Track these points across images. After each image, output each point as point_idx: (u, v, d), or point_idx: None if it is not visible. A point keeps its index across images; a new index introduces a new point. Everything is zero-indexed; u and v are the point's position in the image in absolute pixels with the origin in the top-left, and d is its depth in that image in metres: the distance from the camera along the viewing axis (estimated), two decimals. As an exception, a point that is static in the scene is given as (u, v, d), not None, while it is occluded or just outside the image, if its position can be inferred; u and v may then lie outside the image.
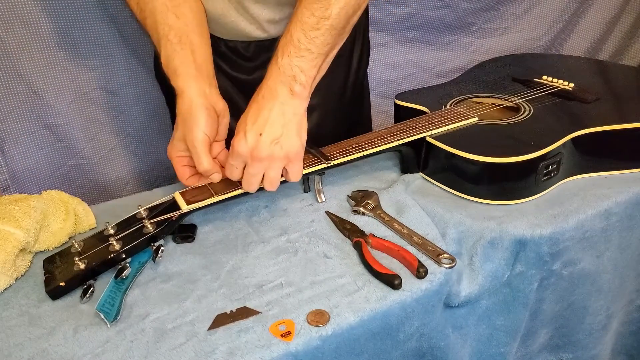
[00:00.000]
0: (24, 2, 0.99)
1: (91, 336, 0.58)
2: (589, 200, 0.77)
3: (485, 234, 0.72)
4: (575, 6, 1.43)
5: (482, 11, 1.37)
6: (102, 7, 1.06)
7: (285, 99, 0.70)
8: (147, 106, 1.20)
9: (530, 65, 1.11)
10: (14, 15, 0.99)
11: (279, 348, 0.56)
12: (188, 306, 0.62)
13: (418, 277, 0.64)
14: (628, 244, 0.81)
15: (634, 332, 0.93)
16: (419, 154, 0.83)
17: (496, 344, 0.77)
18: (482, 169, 0.75)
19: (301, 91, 0.70)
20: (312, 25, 0.70)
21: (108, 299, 0.62)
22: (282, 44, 0.71)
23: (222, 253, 0.71)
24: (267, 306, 0.61)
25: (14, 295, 0.65)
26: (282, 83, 0.70)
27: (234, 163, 0.71)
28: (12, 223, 0.67)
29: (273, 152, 0.69)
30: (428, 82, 1.42)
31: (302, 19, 0.70)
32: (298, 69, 0.70)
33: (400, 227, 0.73)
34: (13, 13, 0.99)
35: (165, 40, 0.75)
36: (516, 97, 0.94)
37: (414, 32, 1.35)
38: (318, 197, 0.80)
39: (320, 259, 0.69)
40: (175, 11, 0.76)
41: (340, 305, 0.61)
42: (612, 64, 1.12)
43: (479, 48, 1.41)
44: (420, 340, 0.66)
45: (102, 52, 1.10)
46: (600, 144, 0.82)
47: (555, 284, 0.76)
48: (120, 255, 0.65)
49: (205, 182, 0.75)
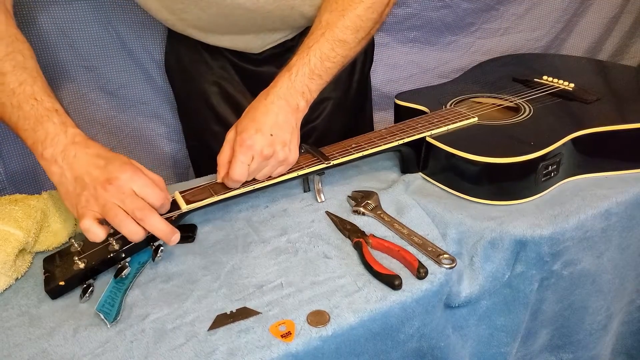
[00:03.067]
0: (23, 4, 0.98)
1: (91, 336, 0.58)
2: (589, 201, 0.77)
3: (486, 234, 0.72)
4: (575, 6, 1.43)
5: (482, 11, 1.37)
6: (100, 9, 1.06)
7: (293, 111, 0.75)
8: (145, 107, 1.20)
9: (530, 65, 1.11)
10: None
11: (279, 348, 0.56)
12: (188, 306, 0.62)
13: (418, 278, 0.64)
14: (628, 244, 0.81)
15: (634, 332, 0.93)
16: (419, 154, 0.83)
17: (496, 344, 0.77)
18: (482, 169, 0.75)
19: (304, 108, 0.77)
20: (330, 58, 0.77)
21: (108, 299, 0.62)
22: (299, 63, 0.76)
23: (222, 253, 0.71)
24: (267, 306, 0.61)
25: (14, 295, 0.65)
26: (291, 96, 0.75)
27: (244, 159, 0.71)
28: (12, 223, 0.67)
29: (280, 154, 0.72)
30: (429, 82, 1.41)
31: (322, 49, 0.77)
32: (307, 89, 0.76)
33: (400, 227, 0.73)
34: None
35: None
36: (516, 97, 0.94)
37: (415, 32, 1.35)
38: (318, 197, 0.80)
39: (320, 259, 0.68)
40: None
41: (341, 305, 0.61)
42: (612, 64, 1.12)
43: (479, 48, 1.41)
44: (420, 340, 0.66)
45: (100, 53, 1.10)
46: (600, 144, 0.82)
47: (555, 284, 0.76)
48: (120, 255, 0.65)
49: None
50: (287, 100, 0.75)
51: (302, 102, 0.76)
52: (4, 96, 0.67)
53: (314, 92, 0.77)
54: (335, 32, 0.77)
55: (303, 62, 0.76)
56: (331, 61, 0.77)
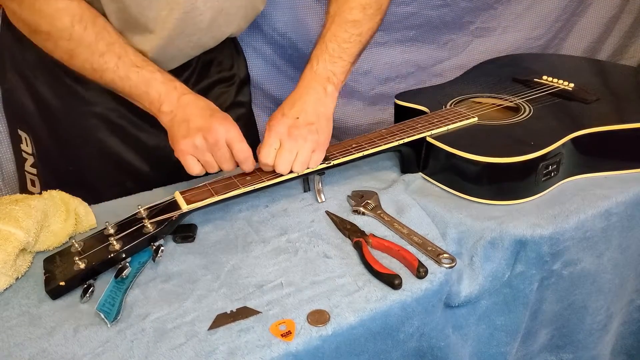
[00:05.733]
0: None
1: (91, 336, 0.58)
2: (589, 200, 0.77)
3: (486, 234, 0.72)
4: (575, 5, 1.43)
5: (481, 10, 1.37)
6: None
7: (320, 96, 0.78)
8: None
9: (530, 66, 1.11)
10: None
11: (279, 348, 0.56)
12: (188, 306, 0.62)
13: (418, 277, 0.64)
14: (628, 244, 0.81)
15: (634, 332, 0.93)
16: (419, 154, 0.83)
17: (496, 344, 0.77)
18: (482, 169, 0.75)
19: (332, 91, 0.80)
20: (345, 39, 0.81)
21: (108, 299, 0.62)
22: (317, 54, 0.81)
23: (222, 253, 0.71)
24: (267, 306, 0.61)
25: (14, 295, 0.65)
26: (317, 83, 0.79)
27: (272, 142, 0.74)
28: (13, 223, 0.67)
29: (308, 134, 0.75)
30: (428, 81, 1.41)
31: (336, 34, 0.81)
32: (331, 73, 0.80)
33: (400, 227, 0.73)
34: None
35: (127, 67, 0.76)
36: (516, 97, 0.94)
37: (414, 31, 1.35)
38: (318, 197, 0.80)
39: (320, 259, 0.69)
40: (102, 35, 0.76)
41: (341, 305, 0.61)
42: (612, 64, 1.12)
43: (479, 47, 1.41)
44: (420, 340, 0.66)
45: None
46: (600, 144, 0.82)
47: (555, 284, 0.77)
48: (120, 255, 0.65)
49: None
50: (314, 88, 0.78)
51: (329, 86, 0.79)
52: (110, 73, 0.76)
53: (339, 75, 0.81)
54: (343, 16, 0.81)
55: (321, 50, 0.80)
56: (347, 42, 0.81)
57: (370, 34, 0.84)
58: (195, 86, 0.95)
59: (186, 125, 0.73)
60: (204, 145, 0.72)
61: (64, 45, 0.75)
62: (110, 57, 0.75)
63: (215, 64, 0.97)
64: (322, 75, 0.79)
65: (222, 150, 0.72)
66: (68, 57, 0.77)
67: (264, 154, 0.74)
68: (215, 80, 0.98)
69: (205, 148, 0.72)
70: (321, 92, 0.78)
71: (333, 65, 0.80)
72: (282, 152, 0.74)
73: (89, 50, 0.75)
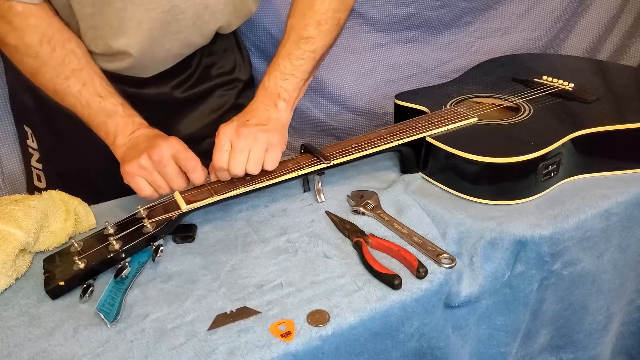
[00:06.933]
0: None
1: (91, 336, 0.58)
2: (589, 200, 0.77)
3: (486, 234, 0.72)
4: (575, 6, 1.42)
5: (481, 10, 1.36)
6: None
7: (270, 109, 0.78)
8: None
9: (530, 66, 1.11)
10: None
11: (279, 348, 0.56)
12: (188, 306, 0.62)
13: (418, 277, 0.64)
14: (628, 244, 0.81)
15: (634, 332, 0.93)
16: (418, 154, 0.83)
17: (496, 344, 0.77)
18: (482, 169, 0.75)
19: (284, 107, 0.79)
20: (298, 56, 0.81)
21: (108, 299, 0.62)
22: (270, 70, 0.81)
23: (222, 253, 0.71)
24: (267, 306, 0.61)
25: (14, 295, 0.65)
26: (267, 98, 0.79)
27: (222, 144, 0.73)
28: (12, 223, 0.67)
29: (258, 132, 0.73)
30: (428, 82, 1.41)
31: (289, 51, 0.81)
32: (282, 89, 0.80)
33: (400, 227, 0.73)
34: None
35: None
36: (516, 97, 0.94)
37: (414, 32, 1.35)
38: (318, 197, 0.80)
39: (320, 259, 0.68)
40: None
41: (340, 305, 0.61)
42: (612, 64, 1.12)
43: (479, 48, 1.41)
44: (420, 340, 0.66)
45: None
46: (600, 144, 0.82)
47: (555, 284, 0.76)
48: (120, 255, 0.65)
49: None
50: (264, 103, 0.78)
51: (280, 102, 0.79)
52: (72, 98, 0.76)
53: (291, 92, 0.80)
54: (298, 32, 0.82)
55: (274, 67, 0.81)
56: (300, 58, 0.81)
57: (324, 50, 0.84)
58: (195, 89, 0.95)
59: (133, 150, 0.73)
60: (150, 165, 0.70)
61: (29, 62, 0.76)
62: (75, 82, 0.76)
63: (216, 67, 0.97)
64: (273, 91, 0.79)
65: (168, 166, 0.71)
66: (31, 74, 0.77)
67: (216, 158, 0.72)
68: (216, 84, 0.98)
69: (152, 167, 0.71)
70: (272, 107, 0.78)
71: (284, 82, 0.80)
72: (233, 153, 0.72)
73: (55, 71, 0.75)
